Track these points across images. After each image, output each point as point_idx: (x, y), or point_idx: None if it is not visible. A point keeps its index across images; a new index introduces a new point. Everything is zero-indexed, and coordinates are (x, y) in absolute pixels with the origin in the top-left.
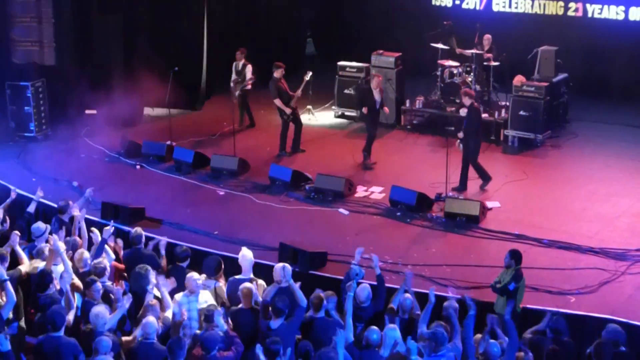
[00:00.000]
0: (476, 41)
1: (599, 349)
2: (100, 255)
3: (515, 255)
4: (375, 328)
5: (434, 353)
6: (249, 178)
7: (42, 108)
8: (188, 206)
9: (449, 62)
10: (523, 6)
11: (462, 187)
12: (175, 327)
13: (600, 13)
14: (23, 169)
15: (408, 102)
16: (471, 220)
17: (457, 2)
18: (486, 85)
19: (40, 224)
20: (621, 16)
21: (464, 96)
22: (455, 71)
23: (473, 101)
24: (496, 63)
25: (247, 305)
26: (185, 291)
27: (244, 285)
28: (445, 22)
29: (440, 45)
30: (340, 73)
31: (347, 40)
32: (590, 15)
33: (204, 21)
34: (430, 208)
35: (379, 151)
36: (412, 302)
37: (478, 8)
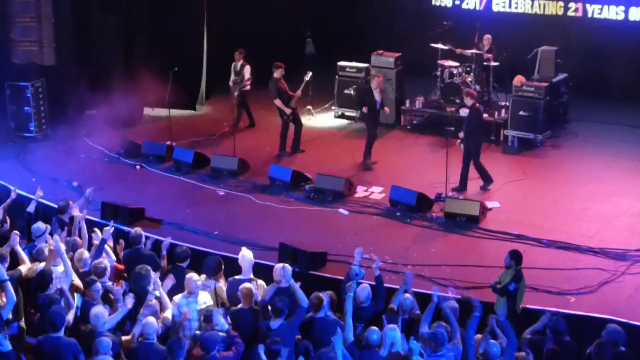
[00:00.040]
0: (476, 41)
1: (599, 349)
2: (100, 255)
3: (515, 255)
4: (375, 328)
5: (434, 353)
6: (249, 178)
7: (42, 108)
8: (188, 206)
9: (449, 62)
10: (523, 6)
11: (462, 187)
12: (175, 328)
13: (600, 13)
14: (23, 169)
15: (408, 102)
16: (471, 220)
17: (457, 2)
18: (486, 85)
19: (40, 224)
20: (621, 16)
21: (466, 96)
22: (455, 71)
23: (475, 101)
24: (496, 63)
25: (247, 305)
26: (184, 292)
27: (244, 285)
28: (445, 23)
29: (440, 45)
30: (340, 73)
31: (347, 40)
32: (590, 15)
33: (204, 21)
34: (430, 208)
35: (379, 151)
36: (412, 302)
37: (478, 8)
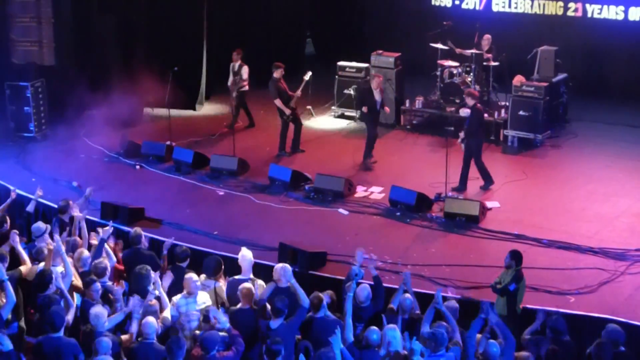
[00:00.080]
0: (476, 41)
1: (599, 349)
2: (100, 255)
3: (515, 255)
4: (375, 328)
5: (434, 353)
6: (249, 178)
7: (42, 108)
8: (188, 206)
9: (449, 62)
10: (523, 6)
11: (462, 187)
12: (174, 328)
13: (599, 13)
14: (23, 169)
15: (408, 102)
16: (471, 220)
17: (457, 2)
18: (486, 85)
19: (40, 224)
20: (621, 16)
21: (468, 96)
22: (454, 71)
23: (476, 102)
24: (496, 63)
25: (247, 305)
26: (183, 292)
27: (244, 285)
28: (445, 23)
29: (440, 45)
30: (339, 73)
31: (347, 40)
32: (589, 15)
33: (204, 21)
34: (429, 208)
35: (379, 151)
36: (412, 302)
37: (478, 8)
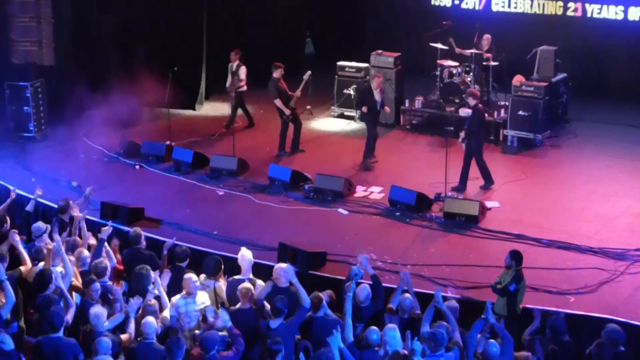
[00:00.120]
0: (475, 41)
1: (599, 349)
2: (99, 255)
3: (515, 256)
4: (375, 328)
5: (433, 353)
6: (248, 178)
7: (41, 108)
8: (187, 206)
9: (449, 62)
10: (522, 6)
11: (462, 187)
12: (174, 328)
13: (599, 13)
14: (22, 169)
15: (407, 102)
16: (470, 220)
17: (457, 2)
18: (485, 85)
19: (40, 224)
20: (620, 16)
21: (469, 96)
22: (454, 71)
23: (477, 102)
24: (495, 63)
25: (246, 304)
26: (182, 293)
27: (243, 285)
28: (444, 22)
29: (439, 45)
30: (339, 73)
31: (347, 40)
32: (589, 15)
33: (204, 21)
34: (429, 208)
35: (379, 151)
36: (412, 302)
37: (477, 8)
